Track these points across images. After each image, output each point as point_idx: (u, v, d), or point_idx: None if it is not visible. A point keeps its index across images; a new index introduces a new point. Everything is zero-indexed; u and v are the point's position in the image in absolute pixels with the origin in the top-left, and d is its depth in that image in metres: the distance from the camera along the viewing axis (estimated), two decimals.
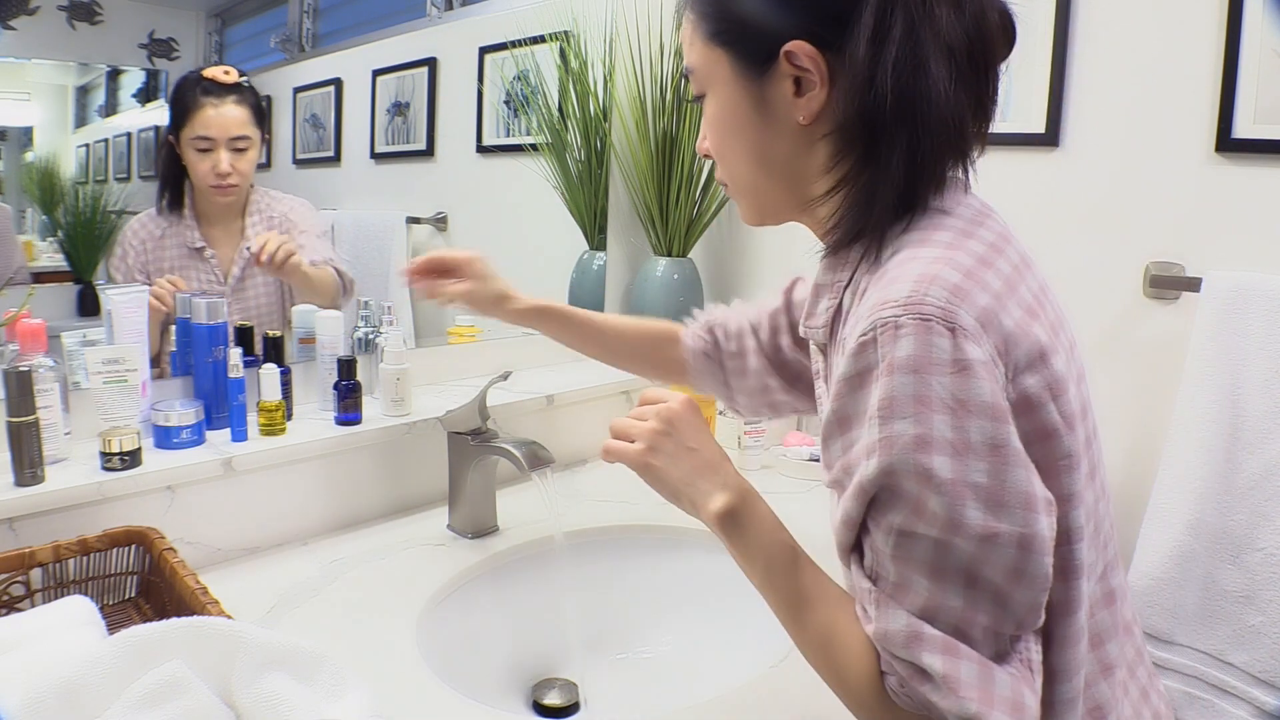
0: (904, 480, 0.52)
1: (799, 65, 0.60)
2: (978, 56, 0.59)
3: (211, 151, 1.15)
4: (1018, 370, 0.54)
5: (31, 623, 0.72)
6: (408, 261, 1.03)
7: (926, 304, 0.52)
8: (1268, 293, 1.08)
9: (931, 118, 0.58)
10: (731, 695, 0.84)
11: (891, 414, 0.52)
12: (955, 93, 0.58)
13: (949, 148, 0.61)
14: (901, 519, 0.53)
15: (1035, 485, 0.52)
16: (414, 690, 0.81)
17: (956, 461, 0.51)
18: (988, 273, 0.56)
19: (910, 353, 0.51)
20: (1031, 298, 0.58)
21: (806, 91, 0.61)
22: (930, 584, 0.54)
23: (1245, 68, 1.11)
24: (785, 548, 0.65)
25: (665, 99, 1.56)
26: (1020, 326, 0.54)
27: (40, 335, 0.93)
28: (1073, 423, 0.56)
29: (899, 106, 0.57)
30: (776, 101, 0.62)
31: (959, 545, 0.52)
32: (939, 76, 0.57)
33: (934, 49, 0.57)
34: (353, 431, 1.14)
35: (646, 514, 1.24)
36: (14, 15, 1.04)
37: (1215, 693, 1.12)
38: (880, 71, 0.57)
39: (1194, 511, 1.12)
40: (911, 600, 0.55)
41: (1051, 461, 0.55)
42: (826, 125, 0.61)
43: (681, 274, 1.62)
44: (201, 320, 1.07)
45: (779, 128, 0.63)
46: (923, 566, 0.54)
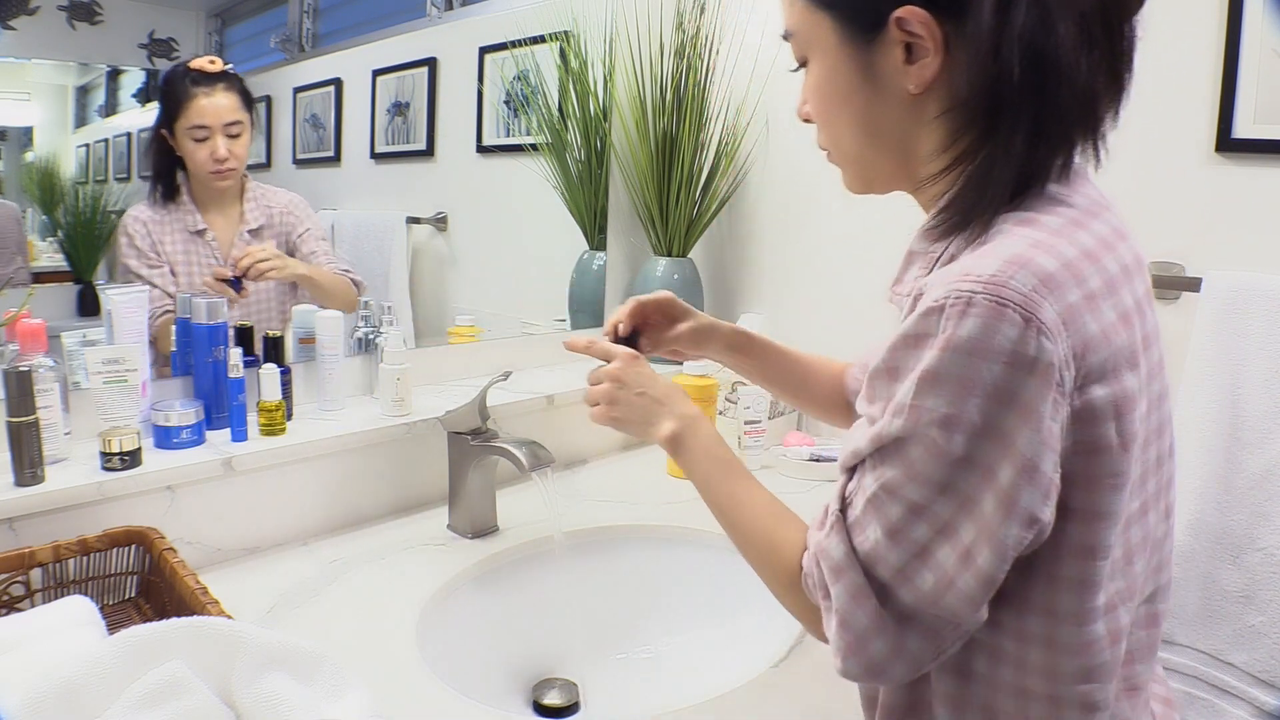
0: (915, 447, 0.52)
1: (911, 31, 0.56)
2: (1111, 15, 0.55)
3: (208, 139, 1.18)
4: (1089, 378, 0.51)
5: (31, 623, 0.72)
6: (614, 315, 0.95)
7: (1009, 287, 0.49)
8: (1268, 293, 1.07)
9: (1061, 89, 0.54)
10: (731, 695, 0.84)
11: (931, 388, 0.51)
12: (1089, 60, 0.54)
13: (1078, 123, 0.57)
14: (893, 475, 0.54)
15: (1039, 508, 0.51)
16: (414, 690, 0.82)
17: (973, 441, 0.50)
18: (1090, 268, 0.53)
19: (971, 334, 0.49)
20: (1132, 304, 0.56)
21: (919, 59, 0.57)
22: (884, 540, 0.55)
23: (1245, 68, 1.11)
24: (723, 461, 0.76)
25: (665, 99, 1.56)
26: (1106, 333, 0.52)
27: (40, 335, 0.93)
28: (1129, 443, 0.54)
29: (1026, 77, 0.53)
30: (886, 69, 0.59)
31: (934, 512, 0.53)
32: (1069, 43, 0.53)
33: (1063, 12, 0.53)
34: (353, 432, 1.14)
35: (646, 514, 1.24)
36: (14, 15, 1.04)
37: (1215, 693, 1.11)
38: (1006, 39, 0.53)
39: (1194, 511, 1.12)
40: (859, 541, 0.56)
41: (1096, 476, 0.53)
42: (944, 100, 0.58)
43: (681, 274, 1.62)
44: (201, 320, 1.07)
45: (888, 97, 0.60)
46: (886, 524, 0.54)
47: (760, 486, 0.73)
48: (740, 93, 1.61)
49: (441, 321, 1.50)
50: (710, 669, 1.04)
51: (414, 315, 1.47)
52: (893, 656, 0.55)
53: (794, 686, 0.85)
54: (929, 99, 0.59)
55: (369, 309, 1.31)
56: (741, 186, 1.66)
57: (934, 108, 0.59)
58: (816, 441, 1.50)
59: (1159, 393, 0.59)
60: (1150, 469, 0.58)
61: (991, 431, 0.50)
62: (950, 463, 0.51)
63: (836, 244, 1.55)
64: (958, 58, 0.56)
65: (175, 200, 1.20)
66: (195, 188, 1.21)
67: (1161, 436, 0.60)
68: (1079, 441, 0.52)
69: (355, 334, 1.30)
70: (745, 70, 1.61)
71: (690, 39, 1.55)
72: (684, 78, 1.56)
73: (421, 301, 1.48)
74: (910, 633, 0.55)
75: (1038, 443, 0.50)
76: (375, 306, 1.32)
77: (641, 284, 1.64)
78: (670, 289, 1.59)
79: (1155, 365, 0.58)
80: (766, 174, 1.65)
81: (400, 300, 1.46)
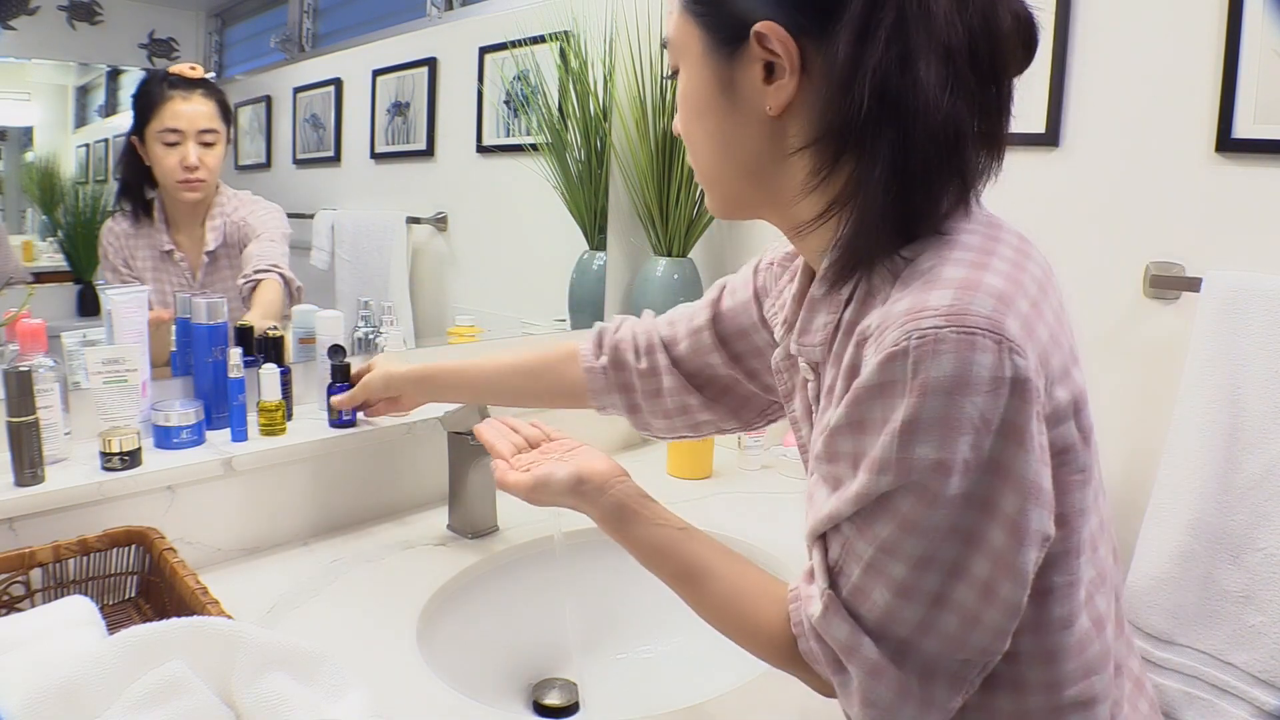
0: (905, 499, 0.50)
1: (769, 48, 0.55)
2: (983, 61, 0.53)
3: (179, 145, 1.13)
4: (1051, 381, 0.51)
5: (31, 623, 0.72)
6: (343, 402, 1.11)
7: (972, 313, 0.48)
8: (1268, 293, 1.08)
9: (917, 129, 0.51)
10: (731, 695, 0.84)
11: (915, 437, 0.49)
12: (951, 102, 0.51)
13: (942, 167, 0.53)
14: (889, 534, 0.52)
15: (1047, 525, 0.50)
16: (414, 690, 0.81)
17: (970, 479, 0.49)
18: (1023, 277, 0.53)
19: (948, 372, 0.47)
20: (1058, 304, 0.56)
21: (777, 79, 0.55)
22: (895, 600, 0.52)
23: (1245, 68, 1.11)
24: (668, 527, 0.72)
25: (665, 99, 1.56)
26: (1054, 335, 0.52)
27: (40, 335, 0.93)
28: (1088, 437, 0.54)
29: (880, 113, 0.51)
30: (745, 87, 0.57)
31: (940, 559, 0.51)
32: (929, 81, 0.50)
33: (926, 48, 0.50)
34: (353, 432, 1.13)
35: None
36: (14, 15, 1.04)
37: (1215, 693, 1.11)
38: (860, 72, 0.51)
39: (1194, 511, 1.11)
40: (866, 610, 0.54)
41: (1067, 476, 0.53)
42: (804, 130, 0.56)
43: (681, 274, 1.62)
44: (201, 320, 1.07)
45: (746, 115, 0.58)
46: (893, 585, 0.52)
47: (722, 546, 0.70)
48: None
49: (441, 321, 1.50)
50: (710, 669, 1.04)
51: (414, 315, 1.47)
52: (923, 713, 0.54)
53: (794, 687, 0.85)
54: (789, 125, 0.57)
55: (369, 309, 1.31)
56: None
57: (795, 137, 0.57)
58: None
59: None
60: (1094, 464, 0.58)
61: (988, 465, 0.49)
62: (949, 507, 0.50)
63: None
64: (815, 84, 0.54)
65: (145, 216, 1.16)
66: (165, 202, 1.17)
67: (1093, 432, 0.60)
68: (1052, 445, 0.52)
69: (355, 334, 1.30)
70: None
71: None
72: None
73: (421, 301, 1.48)
74: (936, 684, 0.54)
75: (1034, 462, 0.49)
76: (375, 306, 1.32)
77: (641, 284, 1.64)
78: (670, 289, 1.61)
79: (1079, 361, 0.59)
80: None
81: (400, 300, 1.46)
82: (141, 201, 1.16)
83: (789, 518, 1.25)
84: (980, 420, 0.48)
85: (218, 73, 1.24)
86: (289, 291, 1.26)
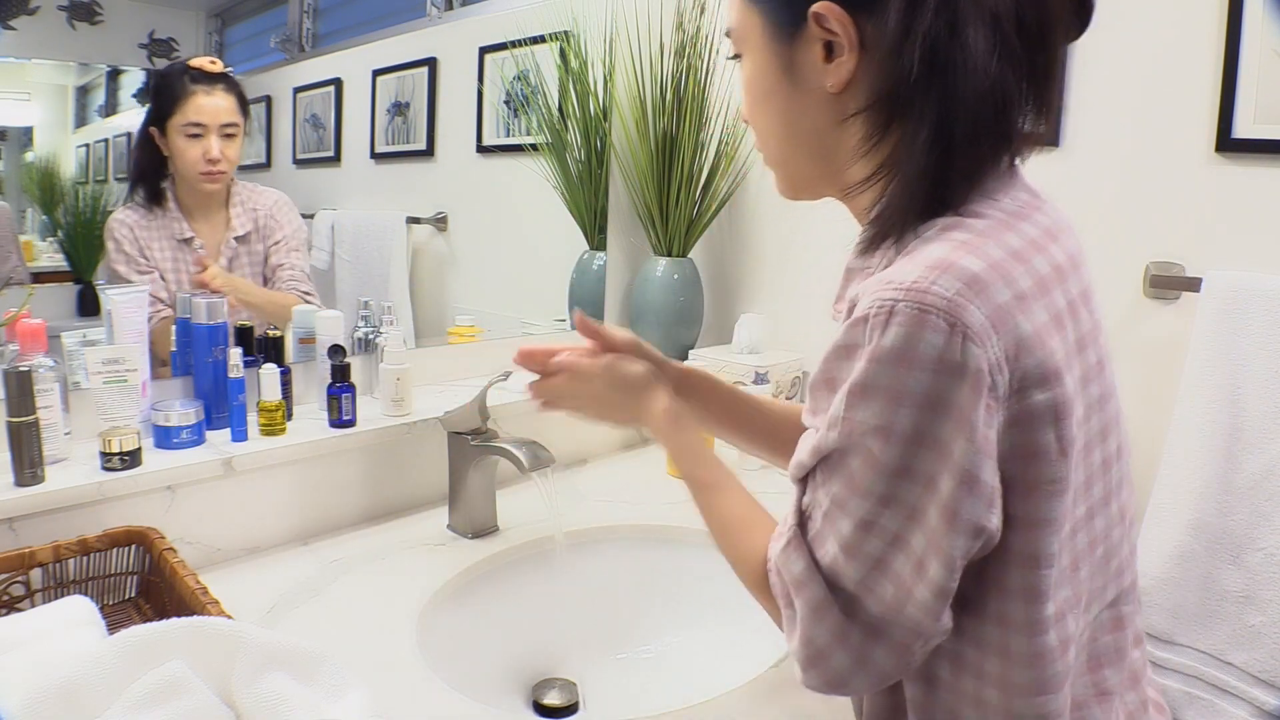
0: (854, 459, 0.53)
1: (828, 28, 0.56)
2: (1030, 27, 0.54)
3: (202, 138, 1.16)
4: (1026, 382, 0.50)
5: (31, 623, 0.72)
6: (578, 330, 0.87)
7: (931, 293, 0.49)
8: (1268, 293, 1.08)
9: (964, 92, 0.52)
10: (731, 695, 0.84)
11: (861, 400, 0.51)
12: (998, 67, 0.53)
13: (986, 132, 0.54)
14: (839, 489, 0.54)
15: (983, 516, 0.50)
16: (414, 690, 0.81)
17: (908, 452, 0.50)
18: (1018, 268, 0.52)
19: (894, 344, 0.49)
20: (1064, 305, 0.55)
21: (836, 57, 0.57)
22: (841, 555, 0.55)
23: (1245, 68, 1.11)
24: (704, 457, 0.74)
25: (665, 99, 1.56)
26: (1039, 334, 0.51)
27: (40, 335, 0.93)
28: (1068, 448, 0.52)
29: (927, 79, 0.52)
30: (805, 67, 0.59)
31: (882, 525, 0.53)
32: (976, 47, 0.52)
33: (974, 15, 0.52)
34: (353, 432, 1.13)
35: (646, 514, 1.24)
36: (14, 15, 1.04)
37: (1215, 693, 1.11)
38: (910, 39, 0.52)
39: (1194, 511, 1.11)
40: (821, 555, 0.56)
41: (1034, 482, 0.52)
42: (858, 101, 0.58)
43: (681, 274, 1.62)
44: (201, 320, 1.07)
45: (808, 96, 0.60)
46: (840, 539, 0.54)
47: (738, 484, 0.73)
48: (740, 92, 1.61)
49: (441, 321, 1.50)
50: (710, 669, 1.04)
51: (414, 315, 1.47)
52: (855, 668, 0.55)
53: (793, 687, 0.85)
54: (848, 100, 0.59)
55: (369, 309, 1.31)
56: (741, 186, 1.66)
57: (852, 109, 0.59)
58: None
59: (1098, 396, 0.58)
60: (1095, 474, 0.57)
61: (926, 440, 0.50)
62: (889, 475, 0.51)
63: (836, 244, 1.54)
64: (872, 57, 0.56)
65: (160, 205, 1.18)
66: (181, 191, 1.19)
67: (1106, 440, 0.59)
68: (1017, 446, 0.51)
69: (355, 334, 1.30)
70: None
71: (690, 39, 1.55)
72: (684, 78, 1.55)
73: (421, 301, 1.48)
74: (877, 645, 0.55)
75: (973, 452, 0.49)
76: (375, 306, 1.32)
77: (641, 284, 1.64)
78: (670, 289, 1.61)
79: (1092, 368, 0.57)
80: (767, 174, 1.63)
81: (400, 300, 1.46)
82: (155, 192, 1.17)
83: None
84: (922, 396, 0.49)
85: None
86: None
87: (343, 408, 1.13)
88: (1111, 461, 0.60)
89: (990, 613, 0.55)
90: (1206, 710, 1.12)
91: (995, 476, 0.51)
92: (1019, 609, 0.54)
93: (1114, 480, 0.60)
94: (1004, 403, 0.50)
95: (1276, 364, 1.07)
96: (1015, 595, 0.54)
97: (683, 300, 1.61)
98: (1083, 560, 0.58)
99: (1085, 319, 0.58)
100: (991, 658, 0.56)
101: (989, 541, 0.52)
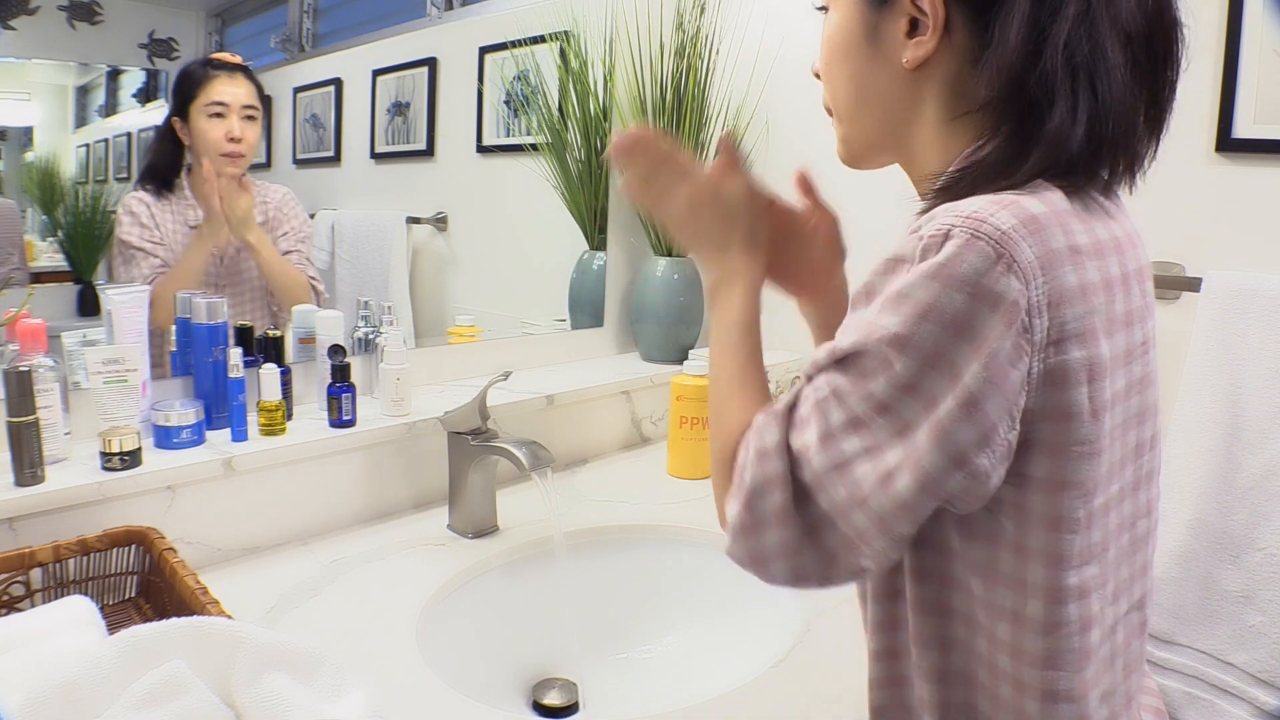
0: (868, 360, 0.52)
1: (918, 5, 0.57)
2: (1157, 48, 0.56)
3: (225, 117, 1.20)
4: (1064, 334, 0.50)
5: (31, 623, 0.72)
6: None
7: (988, 223, 0.49)
8: (1268, 293, 1.08)
9: (1108, 106, 0.53)
10: (731, 695, 0.84)
11: (892, 307, 0.51)
12: (1131, 84, 0.54)
13: (1117, 145, 0.56)
14: (843, 383, 0.53)
15: (972, 450, 0.49)
16: (414, 690, 0.82)
17: (921, 368, 0.50)
18: (1079, 225, 0.53)
19: (939, 261, 0.49)
20: (1118, 274, 0.55)
21: (918, 35, 0.58)
22: (816, 443, 0.54)
23: (1245, 68, 1.11)
24: (745, 326, 0.69)
25: (665, 99, 1.56)
26: (1086, 290, 0.51)
27: (40, 335, 0.93)
28: (1100, 411, 0.52)
29: (1070, 84, 0.52)
30: (887, 36, 0.60)
31: (870, 431, 0.52)
32: (1116, 62, 0.53)
33: (1111, 33, 0.53)
34: (352, 432, 1.14)
35: (646, 514, 1.24)
36: (14, 15, 1.04)
37: (1215, 693, 1.12)
38: (1050, 47, 0.52)
39: (1194, 511, 1.12)
40: (794, 438, 0.56)
41: (1064, 443, 0.52)
42: (932, 81, 0.58)
43: (681, 274, 1.62)
44: (201, 320, 1.07)
45: (884, 64, 0.61)
46: (824, 427, 0.54)
47: (755, 368, 0.69)
48: (740, 93, 1.61)
49: (441, 321, 1.50)
50: (710, 669, 1.04)
51: (414, 315, 1.47)
52: (782, 554, 0.56)
53: (794, 687, 0.85)
54: (923, 81, 0.59)
55: (369, 309, 1.31)
56: None
57: (932, 97, 0.59)
58: None
59: (1140, 377, 0.58)
60: (1129, 455, 0.57)
61: (941, 362, 0.49)
62: (895, 386, 0.51)
63: None
64: (955, 48, 0.57)
65: (173, 193, 1.20)
66: (197, 182, 1.21)
67: (1142, 424, 0.59)
68: (1050, 405, 0.51)
69: (355, 334, 1.30)
70: (745, 70, 1.61)
71: (690, 39, 1.55)
72: (684, 78, 1.56)
73: (421, 301, 1.48)
74: (811, 542, 0.55)
75: (985, 380, 0.49)
76: (375, 306, 1.32)
77: (641, 284, 1.64)
78: (670, 289, 1.61)
79: (1137, 347, 0.57)
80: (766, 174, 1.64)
81: (400, 300, 1.46)
82: (167, 184, 1.20)
83: None
84: (950, 316, 0.49)
85: None
86: (317, 302, 1.32)
87: (343, 408, 1.13)
88: (1145, 448, 0.59)
89: (1004, 577, 0.54)
90: (1206, 710, 1.12)
91: (1005, 420, 0.50)
92: (1038, 572, 0.54)
93: (1145, 469, 0.60)
94: (1039, 351, 0.50)
95: (1276, 364, 1.07)
96: (1035, 558, 0.53)
97: (683, 300, 1.61)
98: (1111, 542, 0.57)
99: (1137, 295, 0.58)
100: (1003, 623, 0.55)
101: (974, 488, 0.51)
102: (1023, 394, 0.50)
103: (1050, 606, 0.54)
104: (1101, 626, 0.57)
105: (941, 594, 0.58)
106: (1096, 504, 0.54)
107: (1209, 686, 1.12)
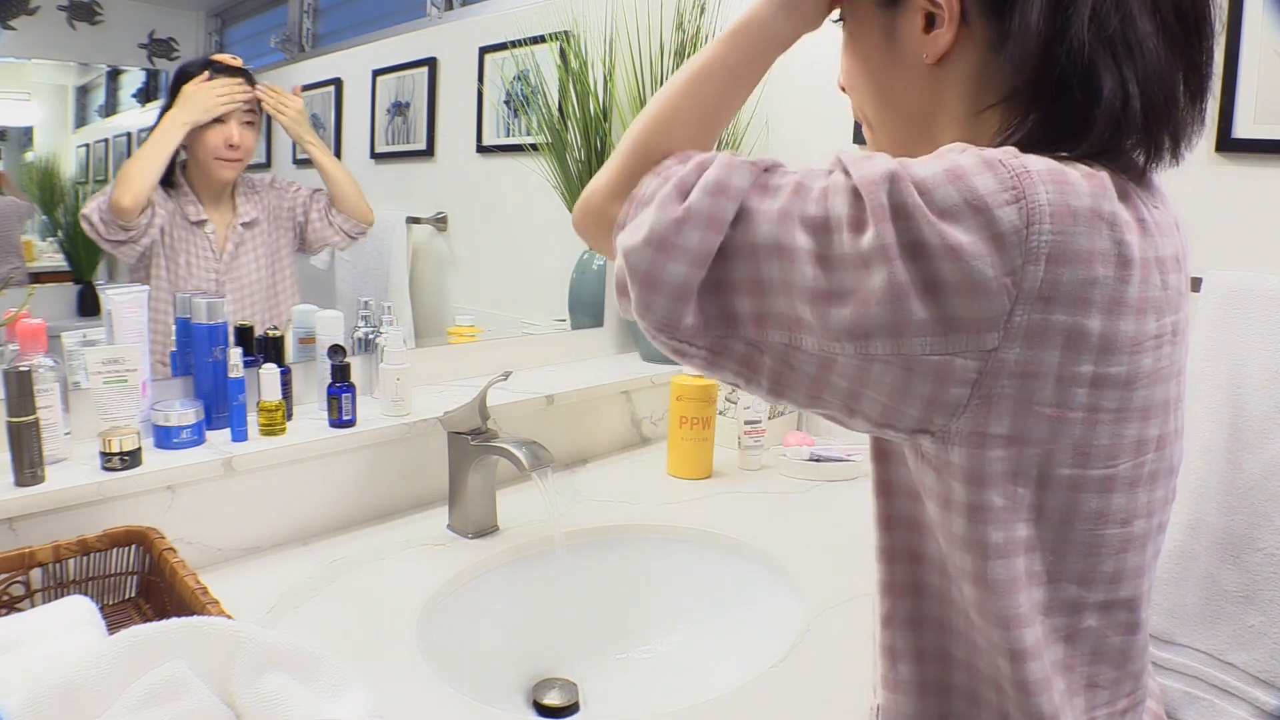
0: (832, 178, 0.51)
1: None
2: (1187, 13, 0.53)
3: (225, 123, 1.20)
4: (1055, 293, 0.46)
5: (31, 623, 0.72)
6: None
7: (1016, 159, 0.47)
8: (1268, 293, 1.08)
9: (1147, 76, 0.51)
10: (731, 695, 0.84)
11: (897, 178, 0.48)
12: (1166, 54, 0.52)
13: (1161, 117, 0.53)
14: (818, 191, 0.51)
15: (915, 334, 0.47)
16: (414, 690, 0.82)
17: (888, 243, 0.47)
18: (1109, 193, 0.49)
19: (960, 165, 0.47)
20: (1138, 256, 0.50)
21: (935, 29, 0.57)
22: (776, 216, 0.52)
23: (1245, 68, 1.11)
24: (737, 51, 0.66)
25: None
26: (1092, 257, 0.47)
27: (40, 335, 0.93)
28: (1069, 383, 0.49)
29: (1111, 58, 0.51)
30: (905, 34, 0.59)
31: (795, 242, 0.50)
32: (1147, 30, 0.51)
33: (1137, 2, 0.51)
34: (352, 432, 1.14)
35: (646, 514, 1.24)
36: (14, 15, 1.04)
37: (1215, 693, 1.12)
38: (1076, 21, 0.50)
39: (1194, 511, 1.12)
40: (756, 197, 0.53)
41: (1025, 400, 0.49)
42: (955, 74, 0.57)
43: None
44: (201, 320, 1.07)
45: (905, 63, 0.60)
46: (795, 208, 0.51)
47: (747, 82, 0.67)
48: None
49: (441, 321, 1.50)
50: (710, 669, 1.04)
51: (414, 315, 1.47)
52: (676, 293, 0.54)
53: (794, 686, 0.85)
54: (946, 74, 0.58)
55: (369, 309, 1.31)
56: None
57: (955, 89, 0.58)
58: (816, 441, 1.50)
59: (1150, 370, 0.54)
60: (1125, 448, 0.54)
61: (912, 249, 0.46)
62: (879, 219, 0.47)
63: None
64: (975, 37, 0.56)
65: (174, 189, 1.20)
66: (195, 176, 1.21)
67: (1146, 420, 0.55)
68: (1021, 362, 0.47)
69: (355, 334, 1.30)
70: None
71: (690, 39, 1.55)
72: None
73: (421, 301, 1.48)
74: (702, 301, 0.54)
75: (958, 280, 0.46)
76: (375, 306, 1.32)
77: None
78: None
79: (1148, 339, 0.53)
80: None
81: (400, 300, 1.46)
82: (166, 180, 1.19)
83: (789, 518, 1.25)
84: (937, 211, 0.46)
85: None
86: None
87: (343, 408, 1.13)
88: (1148, 446, 0.55)
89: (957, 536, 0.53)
90: (1206, 710, 1.12)
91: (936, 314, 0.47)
92: (963, 527, 0.52)
93: (1147, 468, 0.56)
94: (1026, 302, 0.46)
95: (1276, 364, 1.07)
96: (958, 510, 0.52)
97: None
98: (1079, 522, 0.54)
99: (1156, 284, 0.52)
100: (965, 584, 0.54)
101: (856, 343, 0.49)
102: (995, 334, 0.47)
103: (979, 561, 0.52)
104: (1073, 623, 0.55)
105: (911, 540, 0.59)
106: (1058, 474, 0.51)
107: (1209, 686, 1.12)
